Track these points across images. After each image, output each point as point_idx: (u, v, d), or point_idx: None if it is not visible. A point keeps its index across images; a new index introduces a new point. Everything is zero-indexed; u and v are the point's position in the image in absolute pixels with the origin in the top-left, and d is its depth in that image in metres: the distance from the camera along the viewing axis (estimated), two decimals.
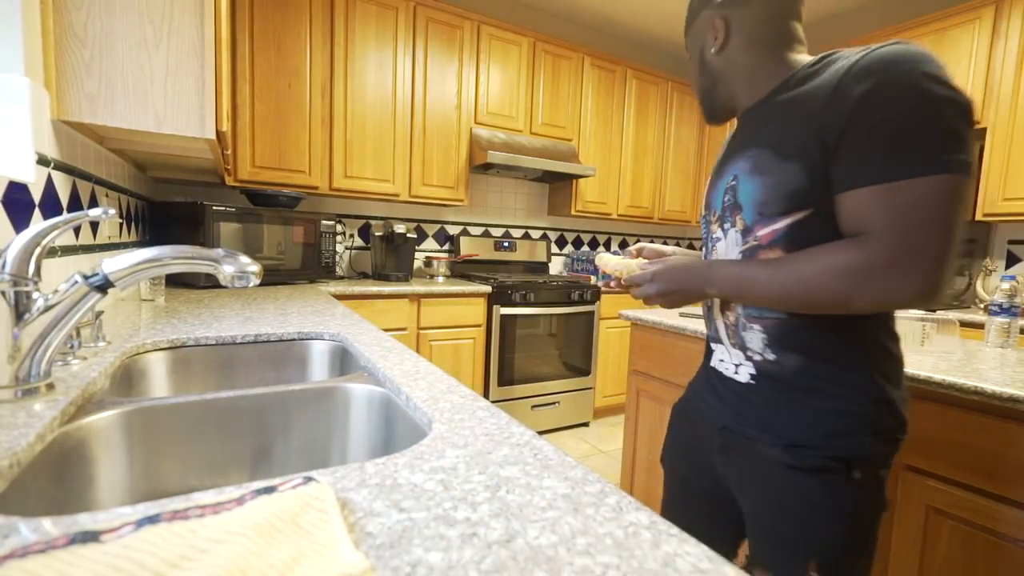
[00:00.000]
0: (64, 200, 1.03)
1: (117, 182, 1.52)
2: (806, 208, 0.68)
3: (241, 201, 2.45)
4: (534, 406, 2.82)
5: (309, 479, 0.43)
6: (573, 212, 3.30)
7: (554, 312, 2.83)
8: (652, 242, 1.41)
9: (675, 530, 0.41)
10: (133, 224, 1.83)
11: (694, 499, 0.93)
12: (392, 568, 0.34)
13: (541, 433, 2.84)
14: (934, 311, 1.34)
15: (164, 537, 0.34)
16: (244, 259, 0.67)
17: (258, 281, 0.68)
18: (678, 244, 4.30)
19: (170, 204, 2.15)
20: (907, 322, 1.30)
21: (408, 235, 2.60)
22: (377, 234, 2.65)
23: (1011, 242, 2.59)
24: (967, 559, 1.01)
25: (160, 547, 0.33)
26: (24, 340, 0.62)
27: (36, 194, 0.89)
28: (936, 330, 1.29)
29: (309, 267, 2.32)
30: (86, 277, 0.63)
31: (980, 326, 2.15)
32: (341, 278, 2.69)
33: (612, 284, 0.93)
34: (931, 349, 1.28)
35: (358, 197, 2.66)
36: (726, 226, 0.80)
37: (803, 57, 0.77)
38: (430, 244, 3.16)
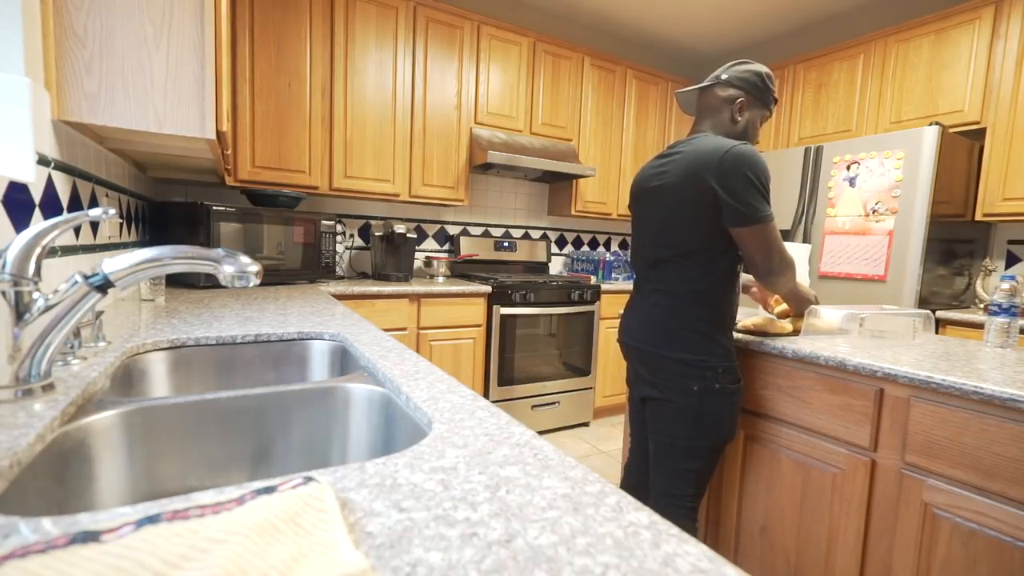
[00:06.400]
0: (64, 200, 1.03)
1: (117, 182, 1.52)
2: None
3: (241, 201, 2.45)
4: (534, 406, 2.82)
5: (309, 479, 0.43)
6: (573, 212, 3.30)
7: (554, 312, 2.83)
8: None
9: (675, 530, 0.41)
10: (133, 224, 1.83)
11: None
12: (392, 568, 0.34)
13: (541, 433, 2.84)
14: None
15: (164, 537, 0.34)
16: (244, 259, 0.67)
17: (258, 281, 0.68)
18: None
19: (170, 204, 2.14)
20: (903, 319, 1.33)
21: (408, 235, 2.60)
22: (377, 234, 2.65)
23: (1011, 242, 2.58)
24: (967, 559, 1.01)
25: (160, 547, 0.33)
26: (24, 340, 0.62)
27: (36, 194, 0.89)
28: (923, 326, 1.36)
29: (309, 267, 2.32)
30: (86, 277, 0.63)
31: (980, 326, 2.15)
32: (341, 278, 2.69)
33: None
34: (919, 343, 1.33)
35: (358, 197, 2.66)
36: None
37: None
38: (430, 244, 3.16)
